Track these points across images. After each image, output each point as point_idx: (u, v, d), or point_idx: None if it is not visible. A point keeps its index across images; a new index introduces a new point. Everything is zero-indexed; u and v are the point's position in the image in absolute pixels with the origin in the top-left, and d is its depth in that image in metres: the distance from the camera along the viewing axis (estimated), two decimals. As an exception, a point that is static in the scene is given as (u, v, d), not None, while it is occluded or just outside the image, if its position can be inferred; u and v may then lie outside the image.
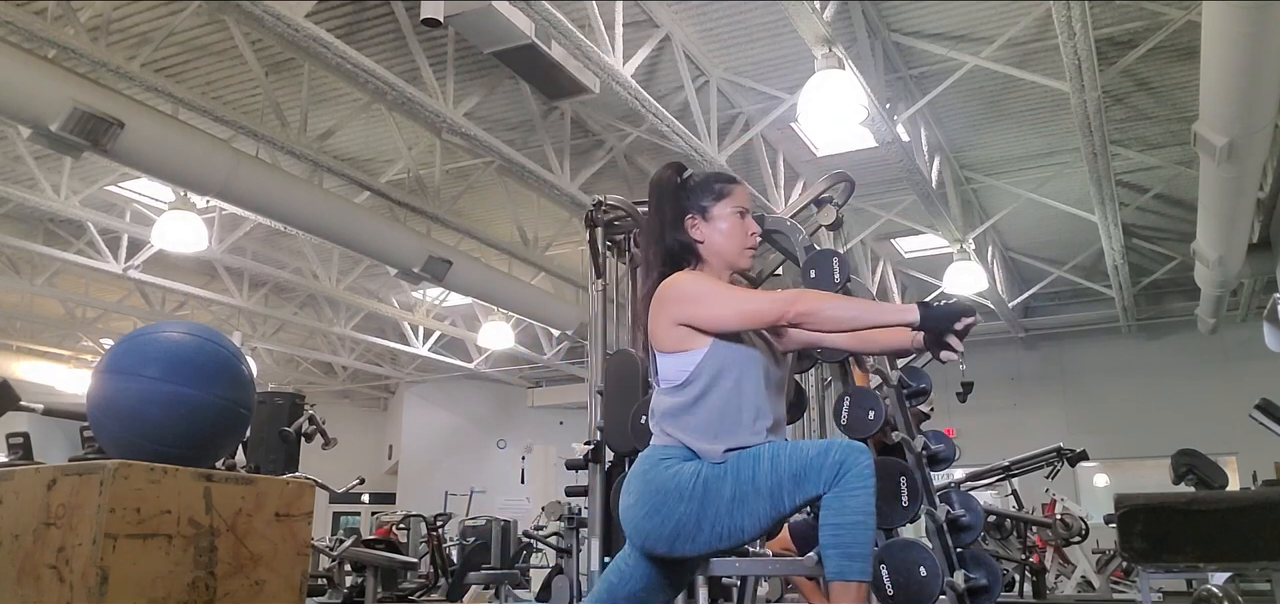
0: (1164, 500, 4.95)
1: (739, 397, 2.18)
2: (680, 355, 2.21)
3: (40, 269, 10.90)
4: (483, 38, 5.84)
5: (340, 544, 7.76)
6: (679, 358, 2.21)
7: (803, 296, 2.21)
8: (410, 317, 13.33)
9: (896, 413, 3.27)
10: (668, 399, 2.23)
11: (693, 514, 2.11)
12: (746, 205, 2.38)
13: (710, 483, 2.11)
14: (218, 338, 2.53)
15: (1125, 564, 7.67)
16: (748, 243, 2.36)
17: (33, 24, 5.61)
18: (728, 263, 2.35)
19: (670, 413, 2.21)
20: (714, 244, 2.33)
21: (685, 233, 2.33)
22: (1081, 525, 8.01)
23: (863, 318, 2.22)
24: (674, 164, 2.43)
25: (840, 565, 2.01)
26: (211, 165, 6.85)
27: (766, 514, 2.11)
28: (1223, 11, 4.68)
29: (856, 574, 2.01)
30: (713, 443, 2.16)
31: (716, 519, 2.10)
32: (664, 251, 2.32)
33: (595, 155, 8.49)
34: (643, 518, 2.15)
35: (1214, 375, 12.32)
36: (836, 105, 5.97)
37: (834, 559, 2.02)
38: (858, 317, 2.22)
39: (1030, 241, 11.42)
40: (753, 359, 2.23)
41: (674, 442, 2.19)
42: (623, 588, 2.25)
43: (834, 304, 2.22)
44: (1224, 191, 6.60)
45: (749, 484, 2.10)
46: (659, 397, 2.26)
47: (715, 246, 2.33)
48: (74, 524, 2.13)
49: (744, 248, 2.35)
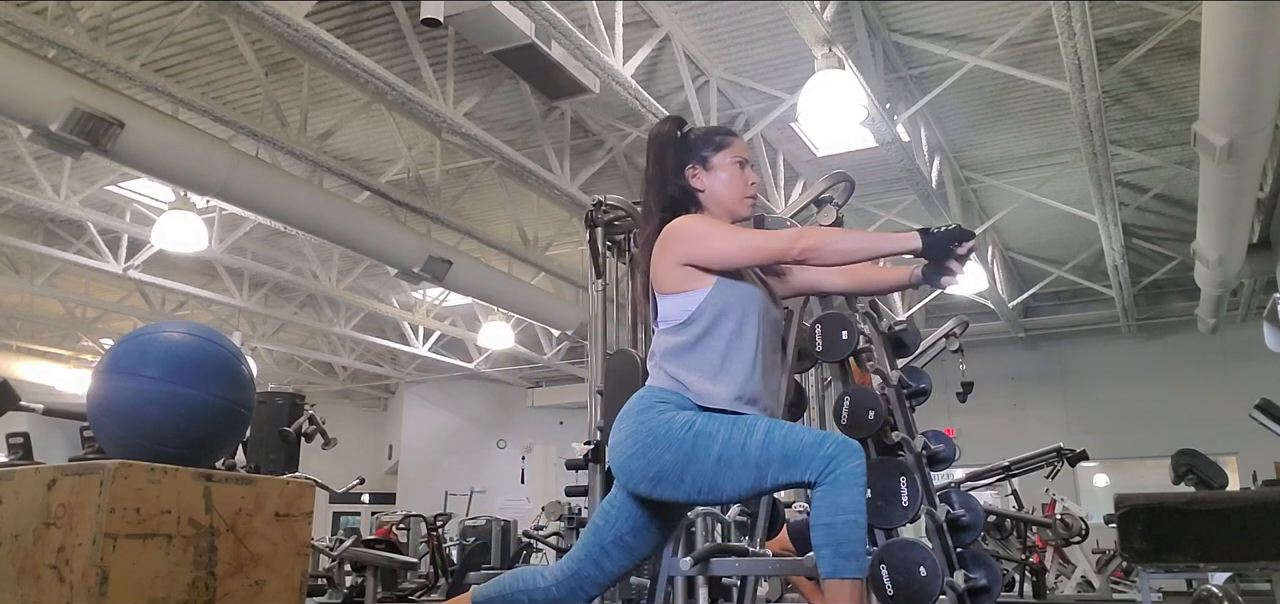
0: (1164, 500, 4.95)
1: (740, 340, 2.21)
2: (683, 296, 2.23)
3: (40, 269, 10.90)
4: (483, 38, 5.84)
5: (340, 544, 7.76)
6: (681, 298, 2.23)
7: (807, 232, 2.21)
8: (410, 317, 13.33)
9: (897, 413, 3.27)
10: (668, 338, 2.25)
11: (679, 463, 2.12)
12: (746, 156, 2.43)
13: (700, 437, 2.11)
14: (217, 338, 2.53)
15: (1125, 564, 7.66)
16: (748, 192, 2.40)
17: (33, 24, 5.61)
18: (728, 211, 2.38)
19: (671, 352, 2.23)
20: (715, 193, 2.36)
21: (686, 180, 2.37)
22: (1081, 525, 8.01)
23: (867, 248, 2.24)
24: (673, 118, 2.47)
25: (835, 564, 2.00)
26: (211, 165, 6.85)
27: (748, 484, 2.10)
28: (1223, 11, 4.68)
29: (851, 572, 1.99)
30: (713, 384, 2.18)
31: (699, 475, 2.11)
32: (665, 199, 2.36)
33: (595, 155, 8.49)
34: (630, 456, 2.16)
35: (1214, 375, 12.32)
36: (836, 105, 5.97)
37: (828, 558, 2.00)
38: (862, 247, 2.24)
39: (1030, 241, 11.42)
40: (754, 299, 2.26)
41: (673, 384, 2.21)
42: (609, 530, 2.26)
43: (838, 237, 2.23)
44: (1224, 191, 6.60)
45: (738, 451, 2.09)
46: (659, 337, 2.29)
47: (716, 195, 2.36)
48: (74, 524, 2.13)
49: (744, 196, 2.39)
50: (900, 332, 3.43)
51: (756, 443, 2.09)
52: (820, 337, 3.04)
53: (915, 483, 2.83)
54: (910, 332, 3.47)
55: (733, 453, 2.09)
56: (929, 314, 12.68)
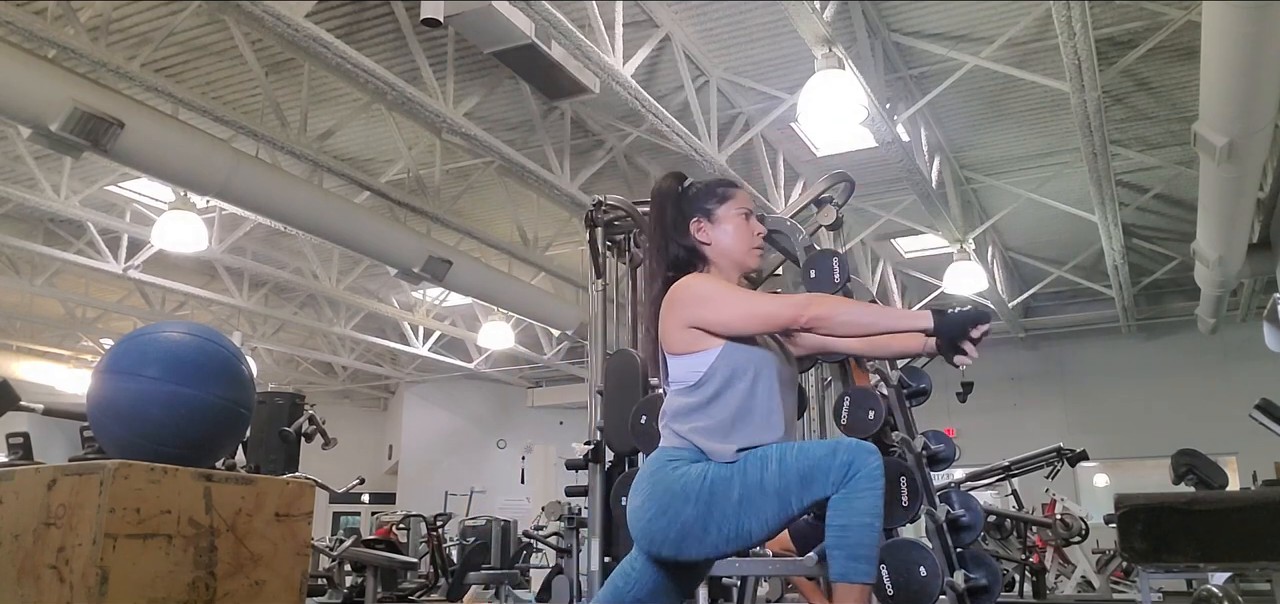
0: (1164, 500, 4.96)
1: (752, 399, 2.16)
2: (692, 357, 2.19)
3: (40, 269, 10.90)
4: (483, 38, 5.84)
5: (340, 544, 7.76)
6: (691, 359, 2.19)
7: (816, 301, 2.19)
8: (410, 317, 13.33)
9: (897, 413, 3.27)
10: (680, 400, 2.20)
11: (700, 516, 2.08)
12: (750, 207, 2.38)
13: (717, 485, 2.09)
14: (218, 338, 2.53)
15: (1125, 564, 7.66)
16: (754, 243, 2.35)
17: (33, 24, 5.61)
18: (736, 263, 2.34)
19: (682, 413, 2.19)
20: (721, 246, 2.32)
21: (690, 237, 2.32)
22: (1081, 525, 8.01)
23: (876, 323, 2.22)
24: (675, 174, 2.41)
25: (845, 567, 2.00)
26: (211, 165, 6.85)
27: (774, 516, 2.08)
28: (1223, 11, 4.68)
29: (861, 576, 1.99)
30: (724, 443, 2.14)
31: (723, 521, 2.07)
32: (669, 258, 2.31)
33: (595, 155, 8.49)
34: (650, 520, 2.12)
35: (1214, 375, 12.32)
36: (836, 105, 5.97)
37: (839, 560, 2.00)
38: (871, 322, 2.21)
39: (1030, 241, 11.42)
40: (767, 361, 2.21)
41: (684, 443, 2.16)
42: (629, 592, 2.22)
43: (847, 309, 2.22)
44: (1224, 191, 6.60)
45: (757, 487, 2.07)
46: (671, 398, 2.24)
47: (722, 248, 2.32)
48: (74, 524, 2.13)
49: (752, 248, 2.35)
50: (900, 332, 3.43)
51: (773, 473, 2.07)
52: (820, 337, 3.03)
53: (915, 483, 2.83)
54: (910, 332, 3.46)
55: (752, 489, 2.07)
56: (929, 314, 12.65)
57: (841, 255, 3.36)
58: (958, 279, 9.71)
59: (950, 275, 9.75)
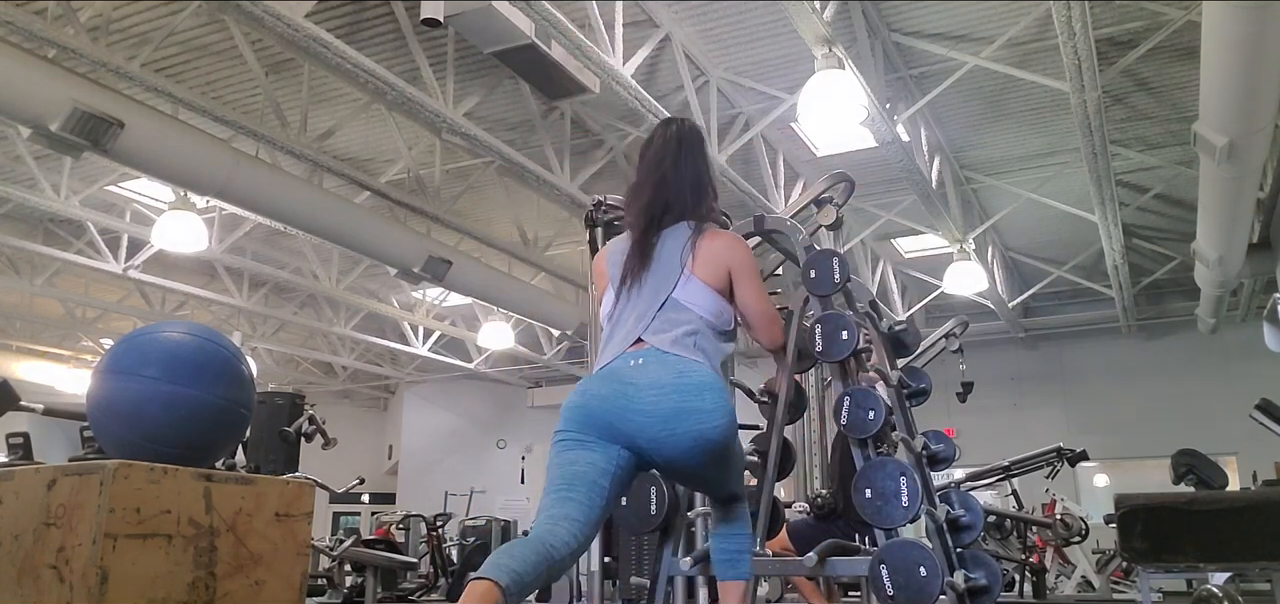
0: (1164, 500, 4.96)
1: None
2: (727, 305, 2.40)
3: (40, 269, 10.90)
4: (483, 38, 5.84)
5: (340, 544, 7.77)
6: (727, 307, 2.40)
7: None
8: (410, 317, 13.33)
9: (897, 413, 3.27)
10: (718, 342, 2.37)
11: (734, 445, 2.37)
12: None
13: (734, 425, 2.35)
14: (218, 338, 2.53)
15: (1125, 564, 7.66)
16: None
17: (33, 24, 5.61)
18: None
19: (714, 352, 2.34)
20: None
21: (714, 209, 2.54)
22: (1081, 525, 8.01)
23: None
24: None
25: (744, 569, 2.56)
26: (211, 165, 6.85)
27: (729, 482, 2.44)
28: (1223, 11, 4.68)
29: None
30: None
31: (734, 459, 2.40)
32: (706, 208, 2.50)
33: (595, 155, 8.49)
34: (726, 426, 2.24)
35: (1214, 375, 12.31)
36: (836, 105, 5.96)
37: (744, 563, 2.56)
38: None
39: (1030, 241, 11.42)
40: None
41: (717, 373, 2.32)
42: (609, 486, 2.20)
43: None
44: (1224, 191, 6.60)
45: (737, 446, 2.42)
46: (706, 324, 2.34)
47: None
48: (74, 524, 2.13)
49: None
50: (900, 332, 3.43)
51: (739, 448, 2.45)
52: (820, 336, 3.04)
53: (915, 483, 2.83)
54: (910, 332, 3.47)
55: (737, 447, 2.40)
56: (929, 314, 12.68)
57: (841, 255, 3.36)
58: (958, 279, 9.71)
59: (950, 275, 9.75)
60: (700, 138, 2.56)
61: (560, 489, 2.16)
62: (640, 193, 2.48)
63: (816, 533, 3.85)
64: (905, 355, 3.54)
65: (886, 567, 2.73)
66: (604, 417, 2.20)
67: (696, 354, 2.27)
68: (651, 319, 2.31)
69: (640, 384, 2.21)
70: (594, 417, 2.21)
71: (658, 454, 2.22)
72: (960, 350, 6.76)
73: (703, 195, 2.48)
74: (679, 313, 2.32)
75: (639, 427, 2.18)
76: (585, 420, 2.22)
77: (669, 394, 2.18)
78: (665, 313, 2.31)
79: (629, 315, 2.35)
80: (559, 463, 2.21)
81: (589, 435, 2.21)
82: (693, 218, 2.44)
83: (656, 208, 2.43)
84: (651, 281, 2.36)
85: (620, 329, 2.35)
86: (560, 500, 2.14)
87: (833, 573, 3.83)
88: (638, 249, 2.41)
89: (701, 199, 2.47)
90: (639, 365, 2.24)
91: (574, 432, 2.22)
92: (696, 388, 2.20)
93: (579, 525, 2.11)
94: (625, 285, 2.39)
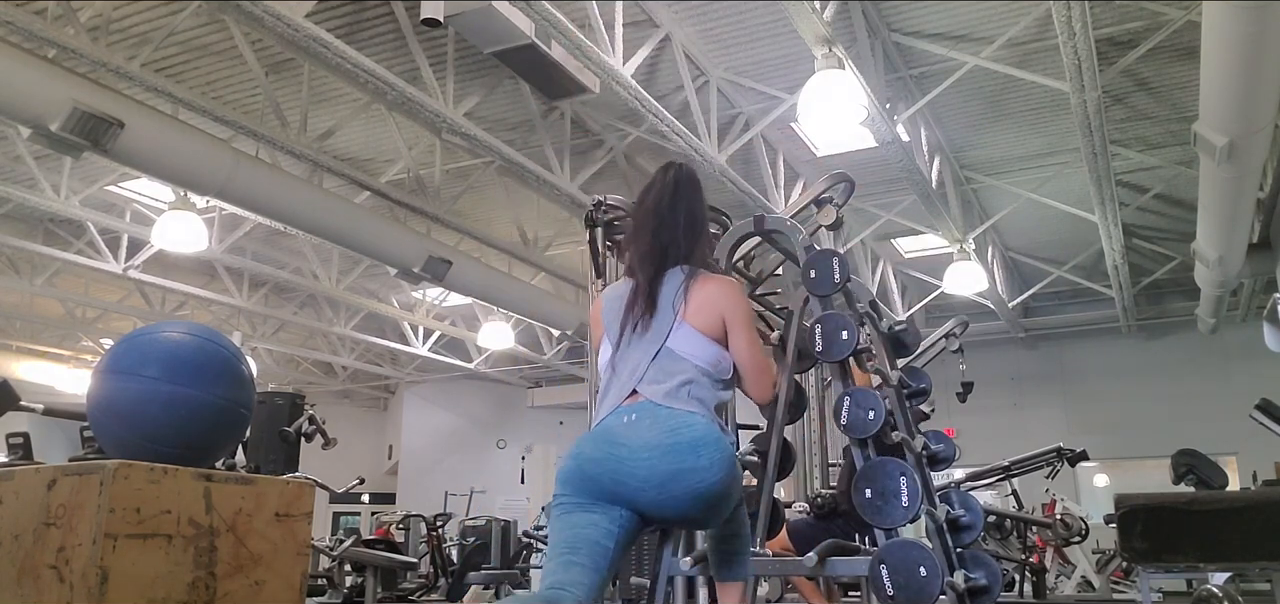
0: (1164, 500, 4.96)
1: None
2: (724, 353, 2.36)
3: (40, 269, 10.90)
4: (483, 38, 5.84)
5: (340, 544, 7.76)
6: (724, 356, 2.36)
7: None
8: (410, 317, 13.33)
9: (897, 413, 3.27)
10: (714, 389, 2.34)
11: (735, 491, 2.31)
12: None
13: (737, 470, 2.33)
14: (218, 338, 2.53)
15: (1125, 564, 7.66)
16: None
17: (33, 24, 5.61)
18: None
19: (714, 403, 2.32)
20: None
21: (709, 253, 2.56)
22: (1081, 525, 8.01)
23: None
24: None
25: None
26: (211, 165, 6.85)
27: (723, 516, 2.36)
28: (1223, 11, 4.68)
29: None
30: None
31: (735, 500, 2.34)
32: (704, 238, 2.50)
33: (595, 155, 8.49)
34: (723, 481, 2.20)
35: (1214, 375, 12.32)
36: (836, 105, 5.96)
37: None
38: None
39: (1030, 241, 11.41)
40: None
41: (717, 422, 2.31)
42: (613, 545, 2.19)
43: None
44: (1224, 191, 6.60)
45: (738, 482, 2.33)
46: (701, 374, 2.31)
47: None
48: (74, 524, 2.13)
49: None
50: (900, 332, 3.43)
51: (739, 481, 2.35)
52: (820, 336, 3.04)
53: (915, 483, 2.83)
54: (910, 332, 3.47)
55: (738, 485, 2.33)
56: (929, 314, 12.68)
57: (841, 255, 3.36)
58: (957, 279, 9.71)
59: (950, 275, 9.75)
60: (696, 181, 2.53)
61: (564, 553, 2.14)
62: (639, 239, 2.47)
63: (816, 533, 3.85)
64: (905, 355, 3.54)
65: (886, 567, 2.73)
66: (600, 481, 2.18)
67: (691, 405, 2.24)
68: (646, 370, 2.29)
69: (633, 446, 2.17)
70: (591, 481, 2.19)
71: (659, 514, 2.23)
72: (960, 350, 6.76)
73: (697, 238, 2.46)
74: (674, 362, 2.29)
75: (635, 491, 2.16)
76: (583, 486, 2.19)
77: (663, 456, 2.15)
78: (659, 363, 2.29)
79: (624, 367, 2.33)
80: (561, 526, 2.18)
81: (589, 499, 2.18)
82: (686, 262, 2.42)
83: (655, 254, 2.41)
84: (646, 331, 2.34)
85: (616, 382, 2.33)
86: (565, 566, 2.12)
87: (833, 573, 3.83)
88: (634, 297, 2.39)
89: (696, 242, 2.45)
90: (630, 423, 2.21)
91: (573, 497, 2.20)
92: (691, 445, 2.17)
93: (584, 590, 2.09)
94: (622, 334, 2.37)
